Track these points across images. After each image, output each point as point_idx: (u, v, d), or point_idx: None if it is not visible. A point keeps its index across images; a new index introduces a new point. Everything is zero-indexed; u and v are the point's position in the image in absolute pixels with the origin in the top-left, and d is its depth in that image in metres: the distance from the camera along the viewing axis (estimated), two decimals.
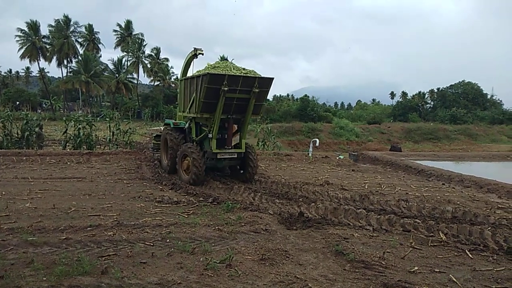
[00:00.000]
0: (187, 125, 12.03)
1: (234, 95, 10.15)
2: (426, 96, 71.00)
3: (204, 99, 10.03)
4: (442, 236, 6.58)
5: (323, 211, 8.13)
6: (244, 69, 10.82)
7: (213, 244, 6.00)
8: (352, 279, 4.90)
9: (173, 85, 65.67)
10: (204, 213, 7.87)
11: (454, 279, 4.94)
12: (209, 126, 10.67)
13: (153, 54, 69.18)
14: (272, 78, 10.62)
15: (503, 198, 10.40)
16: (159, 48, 68.62)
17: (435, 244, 6.35)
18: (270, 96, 49.11)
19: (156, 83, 70.39)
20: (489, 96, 52.65)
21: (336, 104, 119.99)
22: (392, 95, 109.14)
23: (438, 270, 5.25)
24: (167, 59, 70.54)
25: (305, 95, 57.83)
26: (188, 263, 5.20)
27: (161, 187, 10.41)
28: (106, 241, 5.92)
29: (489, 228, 7.16)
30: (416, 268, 5.28)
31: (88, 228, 6.49)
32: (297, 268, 5.25)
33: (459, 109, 46.31)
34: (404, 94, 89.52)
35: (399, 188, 11.15)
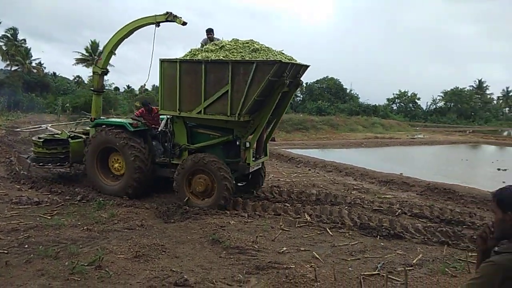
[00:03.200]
0: (161, 127, 8.69)
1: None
2: (297, 89, 76.86)
3: (260, 96, 7.35)
4: (307, 217, 7.26)
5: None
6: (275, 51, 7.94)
7: (80, 245, 5.55)
8: (227, 266, 5.07)
9: (34, 70, 58.04)
10: (71, 212, 7.22)
11: (317, 256, 5.51)
12: (241, 131, 7.86)
13: (8, 35, 59.88)
14: (308, 66, 8.37)
15: (357, 180, 11.92)
16: (17, 29, 59.73)
17: (302, 225, 6.97)
18: (149, 86, 46.96)
19: (14, 68, 61.23)
20: (348, 90, 59.44)
21: None
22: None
23: (303, 249, 5.79)
24: (24, 41, 61.83)
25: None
26: (51, 269, 4.72)
27: (18, 186, 9.17)
28: None
29: (346, 207, 8.17)
30: (284, 248, 5.72)
31: None
32: (174, 261, 5.21)
33: (324, 102, 51.31)
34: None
35: (272, 175, 11.88)
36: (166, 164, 8.57)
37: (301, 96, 58.72)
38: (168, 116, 8.66)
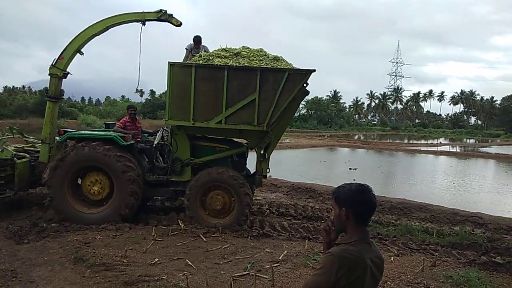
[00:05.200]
0: (157, 140, 7.82)
1: None
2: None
3: (288, 105, 7.01)
4: (181, 224, 7.18)
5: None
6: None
7: None
8: (91, 285, 4.69)
9: None
10: None
11: (190, 263, 5.48)
12: (257, 142, 7.44)
13: None
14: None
15: None
16: None
17: (175, 233, 6.87)
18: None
19: None
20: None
21: (83, 99, 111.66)
22: (141, 92, 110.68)
23: (176, 258, 5.70)
24: None
25: (45, 88, 50.99)
26: None
27: None
28: None
29: None
30: (157, 259, 5.55)
31: None
32: (27, 287, 4.60)
33: None
34: (152, 92, 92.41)
35: None
36: (161, 182, 7.57)
37: None
38: (165, 128, 7.91)
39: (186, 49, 8.33)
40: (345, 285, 1.77)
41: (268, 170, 7.94)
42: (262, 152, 7.56)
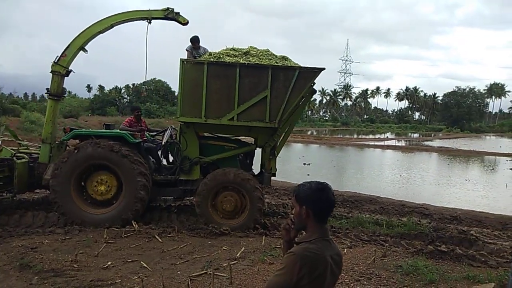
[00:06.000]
0: (166, 139, 7.65)
1: None
2: (123, 91, 73.28)
3: (297, 103, 7.29)
4: (135, 225, 6.96)
5: (6, 220, 6.98)
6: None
7: None
8: None
9: None
10: None
11: (145, 265, 5.33)
12: (266, 139, 7.60)
13: None
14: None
15: None
16: None
17: (129, 234, 6.65)
18: None
19: None
20: (176, 93, 60.03)
21: (26, 95, 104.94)
22: (89, 88, 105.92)
23: (130, 260, 5.52)
24: None
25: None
26: None
27: None
28: None
29: (175, 210, 8.19)
30: (109, 263, 5.35)
31: None
32: None
33: (153, 104, 50.43)
34: (101, 87, 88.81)
35: None
36: (168, 182, 7.49)
37: (128, 97, 56.33)
38: (172, 126, 8.00)
39: (186, 50, 8.16)
40: (307, 284, 1.79)
41: (276, 169, 8.01)
42: (270, 150, 7.65)
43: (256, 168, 8.28)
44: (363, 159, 26.75)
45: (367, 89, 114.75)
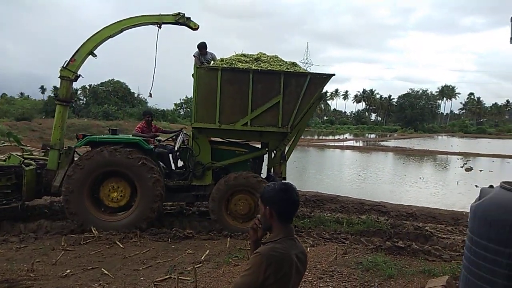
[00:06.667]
0: (179, 145, 7.63)
1: None
2: (79, 92, 70.65)
3: (308, 108, 7.41)
4: (94, 231, 6.75)
5: None
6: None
7: None
8: None
9: None
10: None
11: (106, 272, 5.19)
12: (277, 144, 7.69)
13: None
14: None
15: None
16: None
17: (88, 241, 6.44)
18: None
19: None
20: (136, 95, 58.53)
21: None
22: (43, 89, 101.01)
23: (91, 267, 5.35)
24: None
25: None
26: None
27: None
28: None
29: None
30: (68, 271, 5.16)
31: None
32: None
33: (111, 106, 48.96)
34: (55, 88, 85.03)
35: None
36: (181, 187, 7.46)
37: (84, 99, 54.37)
38: (184, 132, 8.00)
39: (194, 56, 8.04)
40: (273, 283, 1.83)
41: (286, 173, 8.08)
42: (281, 154, 7.74)
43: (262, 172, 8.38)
44: (323, 159, 27.38)
45: (326, 91, 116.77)
